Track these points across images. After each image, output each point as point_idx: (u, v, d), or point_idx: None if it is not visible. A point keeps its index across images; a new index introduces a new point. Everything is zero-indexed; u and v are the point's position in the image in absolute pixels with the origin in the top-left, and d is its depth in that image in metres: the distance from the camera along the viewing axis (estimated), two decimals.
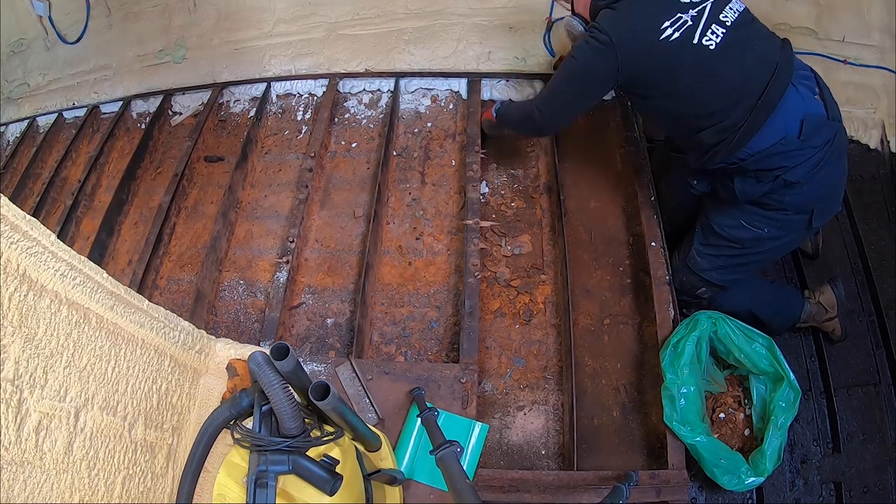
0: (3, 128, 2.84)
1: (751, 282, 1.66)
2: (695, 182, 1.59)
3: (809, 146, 1.29)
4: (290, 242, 1.87)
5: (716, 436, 1.49)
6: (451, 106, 2.23)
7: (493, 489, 1.38)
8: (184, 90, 2.49)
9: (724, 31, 1.29)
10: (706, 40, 1.29)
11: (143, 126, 2.44)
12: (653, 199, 1.77)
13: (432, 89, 2.27)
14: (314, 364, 1.51)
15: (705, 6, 1.30)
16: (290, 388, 0.92)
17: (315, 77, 2.35)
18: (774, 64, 1.29)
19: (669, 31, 1.29)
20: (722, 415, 1.56)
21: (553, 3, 2.19)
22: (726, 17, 1.31)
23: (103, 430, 0.86)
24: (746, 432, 1.53)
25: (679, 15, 1.30)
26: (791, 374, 1.43)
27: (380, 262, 1.86)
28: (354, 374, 1.46)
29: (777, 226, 1.43)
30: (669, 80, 1.35)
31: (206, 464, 1.05)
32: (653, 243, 1.69)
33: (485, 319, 1.71)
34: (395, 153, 2.11)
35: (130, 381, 0.93)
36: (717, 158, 1.38)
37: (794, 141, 1.28)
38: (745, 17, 1.34)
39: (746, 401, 1.56)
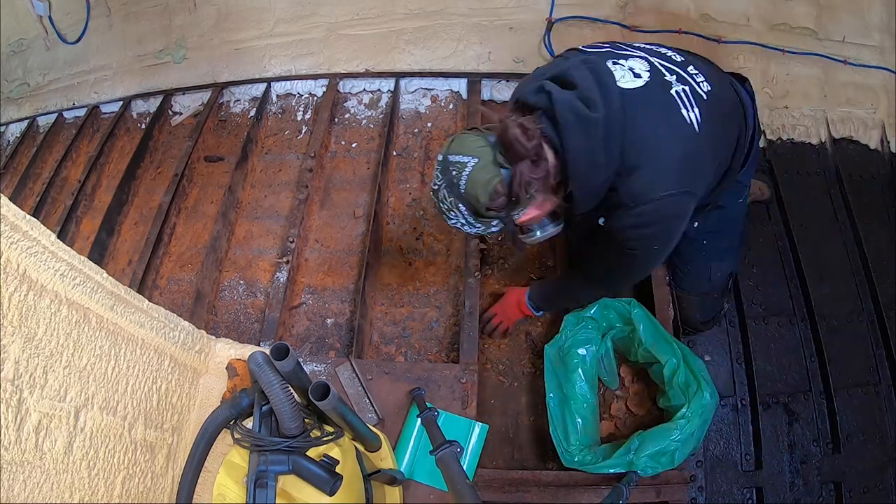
0: (3, 128, 2.84)
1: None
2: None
3: None
4: (290, 242, 1.87)
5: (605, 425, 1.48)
6: (451, 106, 2.23)
7: (493, 489, 1.38)
8: (184, 90, 2.49)
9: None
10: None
11: (143, 126, 2.44)
12: None
13: (432, 89, 2.27)
14: (314, 364, 1.51)
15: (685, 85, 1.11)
16: (290, 388, 0.92)
17: (315, 77, 2.35)
18: None
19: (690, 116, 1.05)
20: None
21: (553, 2, 2.19)
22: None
23: (103, 430, 0.86)
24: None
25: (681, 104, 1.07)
26: (710, 384, 1.35)
27: (380, 262, 1.86)
28: (354, 374, 1.46)
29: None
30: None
31: (206, 464, 1.05)
32: None
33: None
34: (395, 153, 2.11)
35: (130, 381, 0.94)
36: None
37: None
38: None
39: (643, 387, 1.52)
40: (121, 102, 2.56)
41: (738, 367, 1.68)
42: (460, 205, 1.04)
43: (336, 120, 2.24)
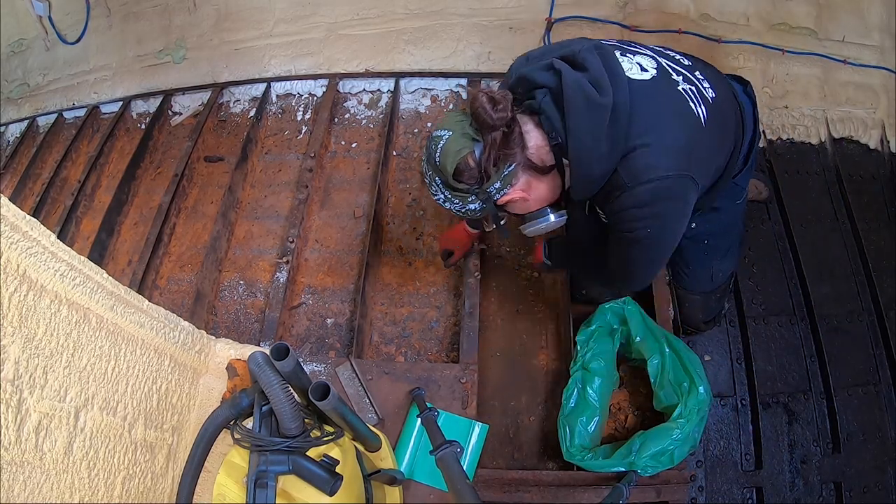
0: (3, 128, 2.84)
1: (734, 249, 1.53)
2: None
3: None
4: (290, 242, 1.87)
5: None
6: (451, 106, 2.23)
7: (493, 489, 1.38)
8: (184, 90, 2.49)
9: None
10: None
11: (143, 126, 2.44)
12: None
13: (432, 89, 2.27)
14: (314, 364, 1.51)
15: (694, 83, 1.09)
16: (290, 388, 0.92)
17: (315, 77, 2.35)
18: None
19: (698, 111, 1.04)
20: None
21: (553, 2, 2.19)
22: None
23: (103, 430, 0.86)
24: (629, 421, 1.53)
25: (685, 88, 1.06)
26: (705, 382, 1.35)
27: (380, 262, 1.86)
28: (354, 374, 1.46)
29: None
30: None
31: (206, 464, 1.05)
32: None
33: (485, 319, 1.70)
34: (395, 153, 2.11)
35: (130, 381, 0.94)
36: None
37: None
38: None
39: (643, 389, 1.53)
40: (121, 102, 2.56)
41: (738, 366, 1.68)
42: (437, 177, 1.06)
43: (336, 120, 2.24)
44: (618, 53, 1.04)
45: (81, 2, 2.58)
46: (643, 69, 1.03)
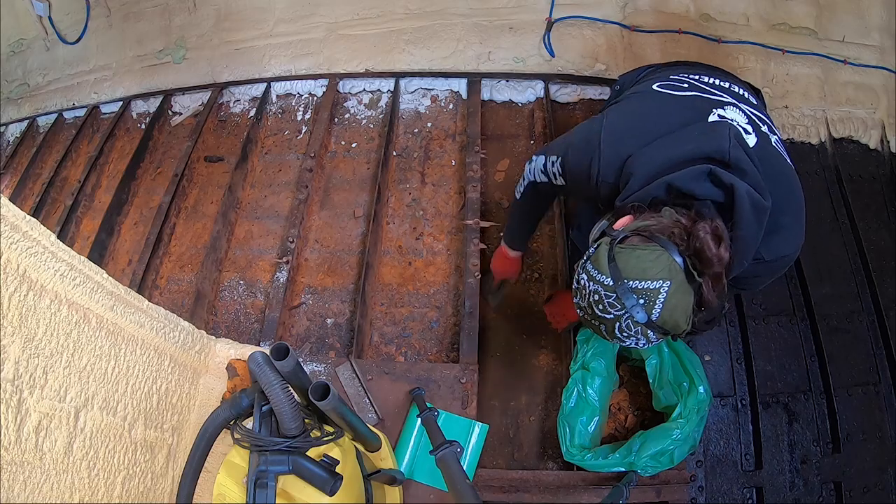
0: (3, 128, 2.84)
1: None
2: None
3: None
4: (290, 242, 1.87)
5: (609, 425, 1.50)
6: (451, 106, 2.23)
7: (493, 489, 1.38)
8: (184, 90, 2.49)
9: None
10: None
11: (143, 126, 2.44)
12: None
13: (432, 89, 2.27)
14: (314, 364, 1.51)
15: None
16: (290, 388, 0.92)
17: (315, 77, 2.35)
18: None
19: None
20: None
21: (553, 2, 2.19)
22: None
23: (103, 430, 0.86)
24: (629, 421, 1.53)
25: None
26: (705, 382, 1.36)
27: (380, 262, 1.86)
28: (354, 374, 1.46)
29: None
30: None
31: (206, 464, 1.05)
32: None
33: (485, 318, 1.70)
34: (395, 153, 2.11)
35: (130, 381, 0.94)
36: None
37: None
38: None
39: (644, 389, 1.53)
40: (121, 102, 2.56)
41: (738, 366, 1.67)
42: (650, 332, 0.89)
43: (336, 120, 2.24)
44: (716, 115, 1.01)
45: (81, 2, 2.58)
46: (745, 131, 1.00)
